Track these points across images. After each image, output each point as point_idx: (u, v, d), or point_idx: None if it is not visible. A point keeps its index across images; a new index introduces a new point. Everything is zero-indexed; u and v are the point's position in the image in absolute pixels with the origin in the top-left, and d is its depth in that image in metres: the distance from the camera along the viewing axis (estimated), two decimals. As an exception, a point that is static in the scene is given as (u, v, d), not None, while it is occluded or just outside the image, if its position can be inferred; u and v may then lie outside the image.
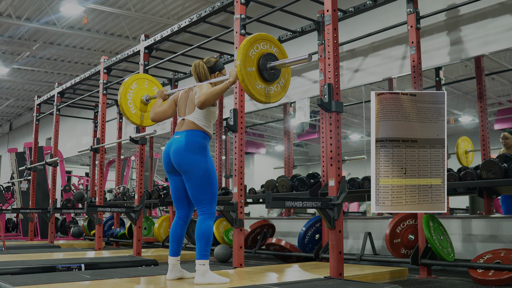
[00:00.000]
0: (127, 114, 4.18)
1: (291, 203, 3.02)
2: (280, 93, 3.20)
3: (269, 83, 3.10)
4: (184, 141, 3.06)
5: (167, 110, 3.35)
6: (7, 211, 9.22)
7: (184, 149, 3.04)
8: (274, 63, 3.08)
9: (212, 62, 3.28)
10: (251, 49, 3.02)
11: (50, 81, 13.51)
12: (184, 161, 3.03)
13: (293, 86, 6.26)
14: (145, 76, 4.34)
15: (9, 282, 2.94)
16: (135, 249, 5.24)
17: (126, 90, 4.17)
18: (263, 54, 3.07)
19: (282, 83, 3.20)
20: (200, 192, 3.04)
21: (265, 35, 3.18)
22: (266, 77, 3.06)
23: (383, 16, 5.14)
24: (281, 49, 3.25)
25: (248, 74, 2.96)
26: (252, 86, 2.98)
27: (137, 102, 4.22)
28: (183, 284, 2.97)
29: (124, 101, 4.15)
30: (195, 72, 3.27)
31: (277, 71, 3.12)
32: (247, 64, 2.96)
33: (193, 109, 3.13)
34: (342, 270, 3.20)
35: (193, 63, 3.31)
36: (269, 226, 5.63)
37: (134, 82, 4.23)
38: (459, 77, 8.14)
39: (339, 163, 3.31)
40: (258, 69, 3.03)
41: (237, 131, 4.22)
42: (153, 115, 3.40)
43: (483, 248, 4.17)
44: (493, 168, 4.03)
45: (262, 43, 3.11)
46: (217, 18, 7.55)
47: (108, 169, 11.53)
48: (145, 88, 4.27)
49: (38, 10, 9.19)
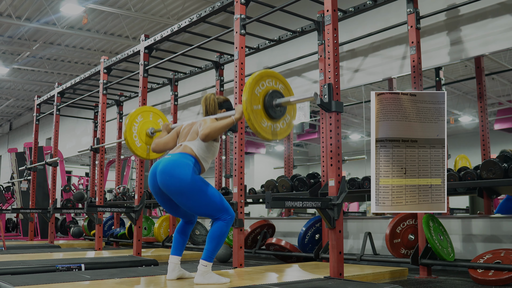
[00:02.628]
0: (133, 148, 4.14)
1: (291, 203, 3.02)
2: (286, 130, 3.12)
3: (275, 120, 3.02)
4: (172, 160, 2.96)
5: (169, 141, 3.29)
6: (7, 211, 9.22)
7: (171, 169, 2.91)
8: (279, 100, 2.99)
9: (222, 99, 3.29)
10: (257, 86, 2.95)
11: (50, 81, 13.51)
12: (171, 182, 2.90)
13: (293, 86, 6.24)
14: (150, 109, 4.33)
15: (9, 282, 2.94)
16: (135, 249, 5.24)
17: (131, 124, 4.14)
18: (269, 91, 2.99)
19: (288, 120, 3.12)
20: (201, 209, 2.97)
21: (270, 72, 3.12)
22: (272, 115, 2.98)
23: (383, 16, 5.14)
24: (287, 86, 3.18)
25: (254, 112, 2.88)
26: (259, 124, 2.90)
27: (142, 135, 4.19)
28: (183, 284, 2.97)
29: (129, 134, 4.12)
30: (205, 103, 3.25)
31: (282, 108, 3.05)
32: (253, 102, 2.89)
33: (195, 138, 3.08)
34: (342, 270, 3.20)
35: (204, 95, 3.30)
36: (269, 226, 5.63)
37: (139, 115, 4.21)
38: (459, 77, 8.14)
39: (339, 163, 3.31)
40: (264, 107, 2.96)
41: (237, 131, 4.22)
42: (154, 145, 3.36)
43: (483, 248, 4.17)
44: (493, 168, 4.03)
45: (267, 80, 3.03)
46: (217, 18, 7.55)
47: (108, 169, 11.53)
48: (150, 121, 4.25)
49: (38, 10, 9.19)
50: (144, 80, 5.68)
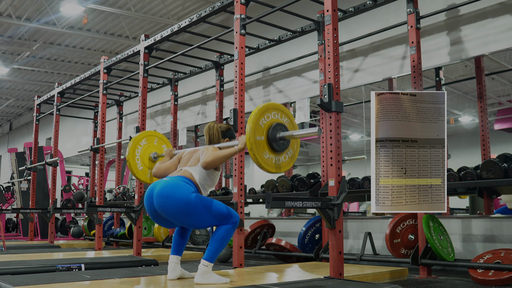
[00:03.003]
0: (134, 171, 4.13)
1: (291, 203, 3.01)
2: (288, 163, 3.09)
3: (277, 153, 3.00)
4: (170, 182, 2.91)
5: (171, 167, 3.25)
6: (7, 211, 9.23)
7: (169, 191, 2.86)
8: (283, 133, 2.98)
9: (225, 127, 3.27)
10: (262, 118, 2.93)
11: (50, 81, 13.51)
12: (169, 204, 2.85)
13: (293, 86, 6.27)
14: (155, 134, 4.32)
15: (9, 282, 2.94)
16: (135, 249, 5.24)
17: (135, 146, 4.14)
18: (273, 124, 2.98)
19: (291, 154, 3.10)
20: (206, 223, 2.95)
21: (276, 105, 3.10)
22: (275, 147, 2.96)
23: (383, 16, 5.14)
24: (292, 120, 3.16)
25: (257, 143, 2.87)
26: (260, 155, 2.89)
27: (145, 159, 4.18)
28: (183, 284, 2.97)
29: (132, 157, 4.11)
30: (208, 133, 3.23)
31: (286, 141, 3.03)
32: (257, 132, 2.88)
33: (195, 165, 3.06)
34: (342, 270, 3.20)
35: (208, 124, 3.28)
36: (269, 226, 5.62)
37: (143, 139, 4.20)
38: (459, 77, 8.15)
39: (339, 163, 3.31)
40: (267, 138, 2.94)
41: (237, 131, 4.22)
42: (155, 170, 3.31)
43: (483, 248, 4.17)
44: (493, 168, 4.03)
45: (273, 112, 3.02)
46: (217, 18, 7.55)
47: (108, 169, 11.53)
48: (154, 145, 4.24)
49: (38, 10, 9.19)
50: (144, 80, 5.68)
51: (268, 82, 6.67)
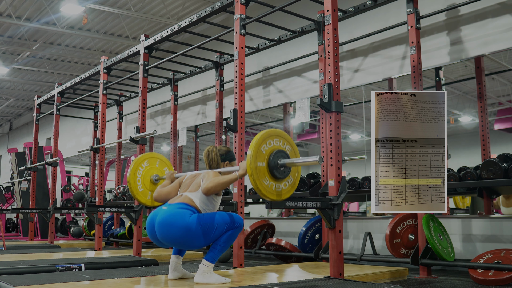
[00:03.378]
0: (134, 192, 4.13)
1: (291, 203, 3.02)
2: (289, 191, 3.06)
3: (278, 180, 2.97)
4: (170, 211, 2.91)
5: (171, 191, 3.24)
6: (7, 211, 9.22)
7: (171, 221, 2.86)
8: (284, 161, 2.95)
9: (224, 150, 3.25)
10: (264, 144, 2.91)
11: (50, 81, 13.51)
12: (172, 233, 2.86)
13: (293, 86, 6.27)
14: (158, 156, 4.31)
15: (9, 282, 2.94)
16: (135, 249, 5.24)
17: (136, 168, 4.14)
18: (275, 150, 2.95)
19: (291, 181, 3.06)
20: (213, 239, 2.95)
21: (279, 132, 3.06)
22: (275, 174, 2.93)
23: (383, 16, 5.14)
24: (293, 147, 3.12)
25: (258, 169, 2.85)
26: (261, 182, 2.86)
27: (146, 181, 4.17)
28: (183, 284, 2.97)
29: (133, 178, 4.11)
30: (207, 158, 3.22)
31: (287, 169, 3.00)
32: (258, 159, 2.86)
33: (196, 190, 3.05)
34: (342, 270, 3.20)
35: (206, 148, 3.27)
36: (269, 226, 5.62)
37: (145, 161, 4.19)
38: (459, 77, 8.14)
39: (339, 163, 3.31)
40: (268, 165, 2.92)
41: (237, 131, 4.22)
42: (156, 194, 3.31)
43: (483, 248, 4.17)
44: (493, 168, 4.03)
45: (275, 139, 2.99)
46: (217, 18, 7.55)
47: (108, 169, 11.53)
48: (155, 167, 4.23)
49: (38, 10, 9.19)
50: (144, 80, 5.68)
51: (268, 82, 6.67)
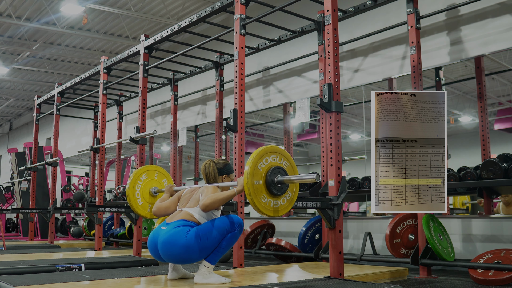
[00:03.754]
0: (134, 205, 4.13)
1: (291, 203, 3.01)
2: (287, 207, 3.05)
3: (276, 197, 2.96)
4: (171, 231, 2.91)
5: (170, 206, 3.26)
6: (7, 211, 9.22)
7: (173, 240, 2.88)
8: (281, 178, 2.94)
9: (222, 164, 3.25)
10: (260, 161, 2.90)
11: (50, 81, 13.51)
12: (175, 252, 2.89)
13: (293, 86, 6.27)
14: (156, 168, 4.31)
15: (9, 282, 2.94)
16: (135, 249, 5.24)
17: (135, 181, 4.13)
18: (272, 167, 2.93)
19: (289, 197, 3.05)
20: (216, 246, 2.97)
21: (275, 148, 3.05)
22: (273, 191, 2.92)
23: (383, 16, 5.14)
24: (291, 162, 3.11)
25: (255, 187, 2.84)
26: (258, 199, 2.85)
27: (145, 194, 4.17)
28: (183, 284, 2.97)
29: (132, 192, 4.11)
30: (204, 172, 3.22)
31: (284, 185, 2.99)
32: (255, 177, 2.85)
33: (195, 205, 3.06)
34: (342, 270, 3.20)
35: (204, 162, 3.26)
36: (269, 226, 5.63)
37: (144, 173, 4.18)
38: (459, 77, 8.14)
39: (339, 163, 3.31)
40: (265, 183, 2.90)
41: (237, 131, 4.22)
42: (155, 209, 3.32)
43: (483, 248, 4.17)
44: (493, 168, 4.03)
45: (272, 155, 2.97)
46: (217, 18, 7.55)
47: (108, 169, 11.52)
48: (154, 180, 4.22)
49: (38, 10, 9.19)
50: (144, 80, 5.68)
51: (268, 82, 6.67)
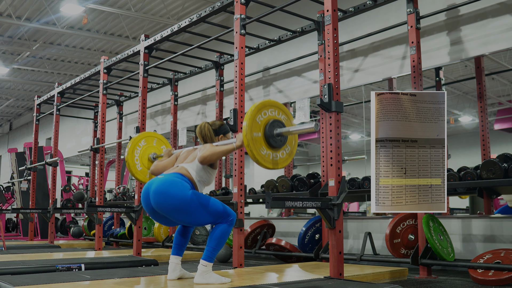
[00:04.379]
0: (133, 170, 4.15)
1: (291, 203, 3.02)
2: (286, 160, 3.10)
3: (275, 149, 3.00)
4: (165, 180, 2.92)
5: (168, 164, 3.27)
6: (7, 211, 9.22)
7: (165, 189, 2.87)
8: (280, 129, 2.99)
9: (217, 124, 3.25)
10: (259, 114, 2.94)
11: (50, 81, 13.51)
12: (166, 202, 2.86)
13: (293, 86, 6.27)
14: (154, 135, 4.34)
15: (9, 282, 2.94)
16: (135, 249, 5.24)
17: (134, 147, 4.15)
18: (270, 120, 2.98)
19: (289, 150, 3.09)
20: (203, 221, 2.96)
21: (273, 102, 3.10)
22: (272, 144, 2.96)
23: (383, 16, 5.14)
24: (289, 117, 3.15)
25: (254, 139, 2.88)
26: (257, 151, 2.89)
27: (144, 160, 4.19)
28: (183, 284, 2.97)
29: (131, 157, 4.13)
30: (200, 134, 3.22)
31: (283, 137, 3.03)
32: (254, 129, 2.89)
33: (192, 161, 3.07)
34: (342, 270, 3.20)
35: (199, 125, 3.26)
36: (269, 226, 5.62)
37: (143, 140, 4.21)
38: (459, 77, 8.14)
39: (339, 163, 3.31)
40: (264, 135, 2.95)
41: (237, 131, 4.22)
42: (153, 167, 3.33)
43: (483, 248, 4.17)
44: (493, 168, 4.03)
45: (270, 109, 3.02)
46: (217, 18, 7.55)
47: (108, 169, 11.52)
48: (153, 146, 4.25)
49: (38, 10, 9.19)
50: (144, 80, 5.68)
51: (268, 82, 6.67)
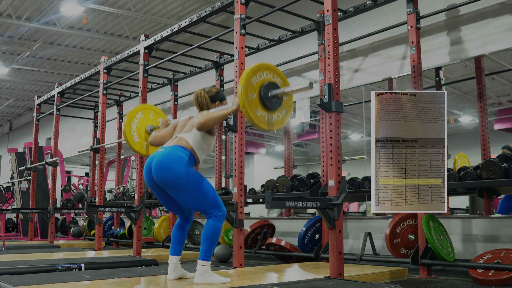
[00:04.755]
0: (130, 142, 4.17)
1: (291, 203, 3.02)
2: (281, 122, 3.14)
3: (270, 111, 3.03)
4: (166, 154, 2.98)
5: (166, 135, 3.31)
6: (7, 211, 9.22)
7: (166, 163, 2.94)
8: (275, 91, 3.03)
9: (214, 92, 3.26)
10: (254, 76, 2.98)
11: (50, 81, 13.51)
12: (166, 175, 2.93)
13: (293, 86, 6.26)
14: (151, 107, 4.38)
15: (9, 282, 2.94)
16: (135, 249, 5.24)
17: (131, 119, 4.17)
18: (266, 82, 3.02)
19: (284, 113, 3.14)
20: (196, 204, 2.99)
21: (268, 65, 3.13)
22: (267, 105, 3.00)
23: (383, 16, 5.14)
24: (284, 80, 3.19)
25: (249, 100, 2.91)
26: (253, 112, 2.92)
27: (141, 132, 4.22)
28: (183, 284, 2.97)
29: (128, 129, 4.15)
30: (196, 101, 3.24)
31: (279, 100, 3.07)
32: (249, 90, 2.92)
33: (190, 130, 3.11)
34: (342, 270, 3.20)
35: (195, 92, 3.28)
36: (269, 226, 5.62)
37: (139, 112, 4.24)
38: (459, 77, 8.14)
39: (339, 163, 3.31)
40: (259, 96, 2.98)
41: (237, 131, 4.22)
42: (151, 138, 3.38)
43: (483, 248, 4.17)
44: (493, 168, 4.03)
45: (265, 72, 3.05)
46: (217, 18, 7.55)
47: (108, 169, 11.53)
48: (150, 119, 4.28)
49: (38, 10, 9.19)
50: (144, 80, 5.68)
51: (268, 82, 6.66)
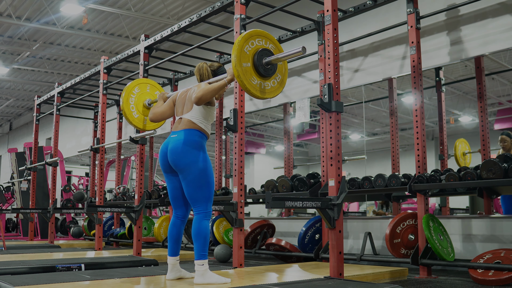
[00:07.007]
0: (130, 119, 4.17)
1: (291, 203, 3.02)
2: (277, 89, 3.19)
3: (265, 78, 3.09)
4: (182, 140, 3.07)
5: (166, 110, 3.38)
6: (7, 211, 9.22)
7: (181, 148, 3.04)
8: (269, 58, 3.07)
9: (216, 66, 3.33)
10: (246, 45, 3.02)
11: (50, 81, 13.51)
12: (181, 160, 3.03)
13: (293, 86, 6.27)
14: (147, 81, 4.36)
15: (9, 282, 2.94)
16: (135, 249, 5.24)
17: (128, 95, 4.17)
18: (259, 49, 3.06)
19: (279, 79, 3.18)
20: (196, 191, 3.05)
21: (260, 31, 3.17)
22: (262, 73, 3.05)
23: (383, 16, 5.14)
24: (277, 45, 3.23)
25: (244, 69, 2.95)
26: (248, 81, 2.97)
27: (139, 107, 4.22)
28: (183, 284, 2.97)
29: (126, 105, 4.15)
30: (198, 73, 3.31)
31: (273, 66, 3.12)
32: (242, 59, 2.96)
33: (191, 108, 3.16)
34: (342, 270, 3.20)
35: (198, 64, 3.33)
36: (269, 226, 5.62)
37: (136, 87, 4.23)
38: (459, 77, 8.14)
39: (339, 163, 3.31)
40: (253, 64, 3.03)
41: (237, 131, 4.22)
42: (152, 115, 3.43)
43: (483, 248, 4.17)
44: (493, 168, 4.03)
45: (257, 39, 3.09)
46: (217, 18, 7.55)
47: (108, 169, 11.53)
48: (147, 92, 4.27)
49: (38, 10, 9.19)
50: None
51: (268, 82, 6.66)
